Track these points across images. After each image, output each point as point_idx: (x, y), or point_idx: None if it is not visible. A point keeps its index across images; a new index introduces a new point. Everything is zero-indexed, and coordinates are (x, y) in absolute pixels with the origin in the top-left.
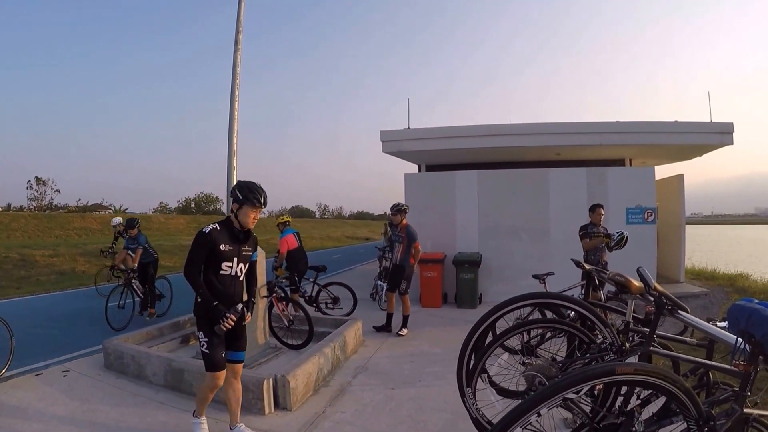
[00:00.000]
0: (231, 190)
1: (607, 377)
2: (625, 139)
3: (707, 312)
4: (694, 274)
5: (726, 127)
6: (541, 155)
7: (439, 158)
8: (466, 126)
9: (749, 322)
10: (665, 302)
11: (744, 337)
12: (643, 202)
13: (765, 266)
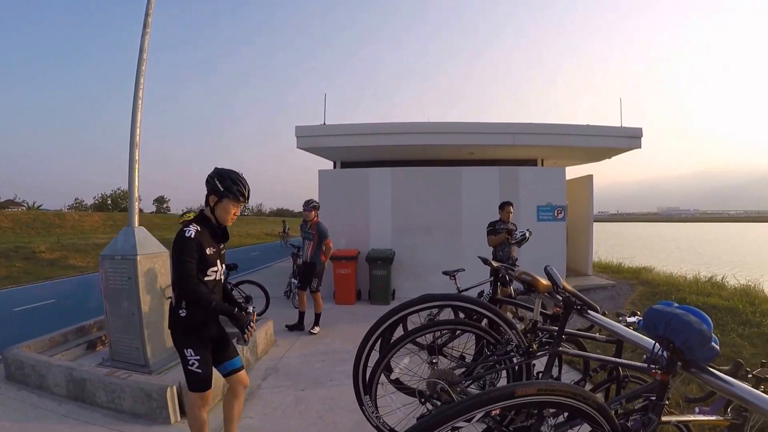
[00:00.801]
0: (209, 179)
1: (505, 401)
2: (538, 140)
3: (614, 302)
4: (601, 267)
5: (635, 132)
6: (455, 154)
7: (354, 155)
8: (381, 123)
9: (668, 328)
10: (574, 301)
11: (662, 344)
12: (554, 200)
13: (665, 259)
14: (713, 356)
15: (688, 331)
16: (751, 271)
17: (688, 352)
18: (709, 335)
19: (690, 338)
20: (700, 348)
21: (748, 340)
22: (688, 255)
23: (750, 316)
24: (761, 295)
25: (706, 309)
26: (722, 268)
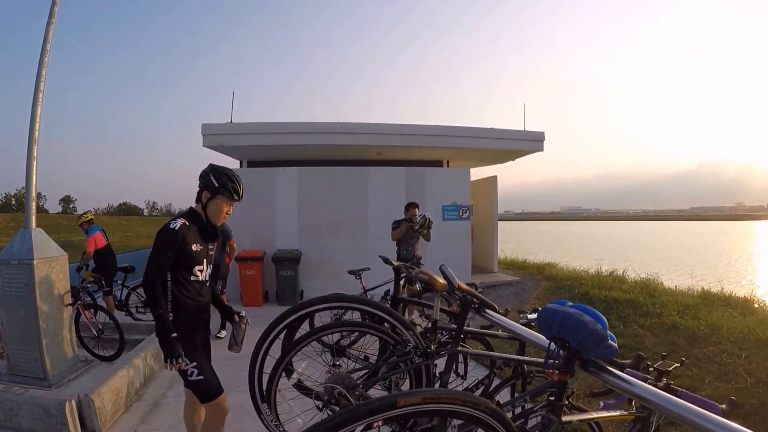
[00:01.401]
0: (203, 175)
1: (386, 412)
2: (444, 142)
3: (519, 298)
4: (507, 264)
5: (537, 135)
6: (363, 154)
7: (261, 154)
8: (289, 122)
9: (562, 327)
10: (471, 300)
11: (558, 343)
12: (459, 200)
13: (569, 255)
14: (612, 354)
15: (583, 331)
16: (649, 265)
17: (584, 351)
18: (605, 334)
19: (585, 338)
20: (595, 347)
21: (650, 330)
22: (590, 251)
23: (650, 307)
24: (660, 288)
25: (608, 302)
26: (623, 262)
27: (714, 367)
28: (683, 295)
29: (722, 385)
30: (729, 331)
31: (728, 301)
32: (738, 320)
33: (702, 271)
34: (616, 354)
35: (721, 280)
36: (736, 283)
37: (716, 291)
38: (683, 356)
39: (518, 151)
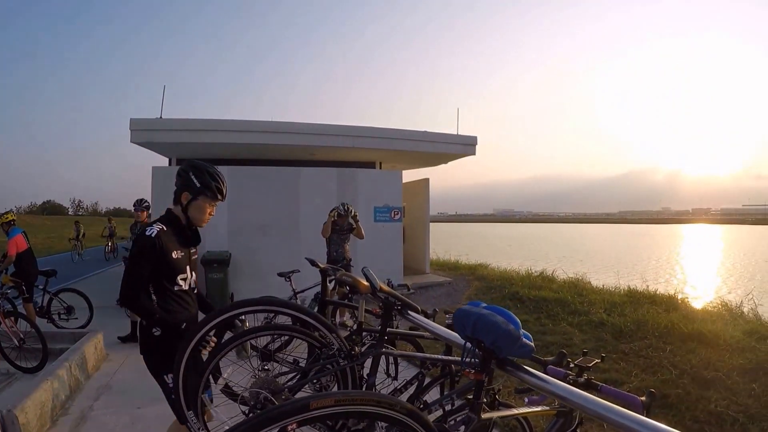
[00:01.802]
0: (181, 173)
1: (300, 415)
2: (377, 143)
3: (451, 298)
4: (439, 265)
5: (470, 139)
6: (296, 154)
7: (192, 152)
8: (221, 120)
9: (476, 328)
10: (393, 302)
11: (473, 343)
12: (391, 202)
13: (499, 256)
14: (527, 353)
15: (496, 331)
16: (578, 265)
17: (498, 351)
18: (518, 334)
19: (498, 338)
20: (509, 347)
21: (578, 328)
22: (521, 252)
23: (578, 306)
24: (588, 287)
25: (537, 301)
26: (553, 263)
27: (640, 360)
28: (610, 294)
29: (648, 377)
30: (654, 327)
31: (653, 298)
32: (662, 316)
33: (628, 271)
34: (532, 353)
35: (646, 279)
36: (660, 282)
37: (642, 289)
38: (610, 351)
39: (451, 154)
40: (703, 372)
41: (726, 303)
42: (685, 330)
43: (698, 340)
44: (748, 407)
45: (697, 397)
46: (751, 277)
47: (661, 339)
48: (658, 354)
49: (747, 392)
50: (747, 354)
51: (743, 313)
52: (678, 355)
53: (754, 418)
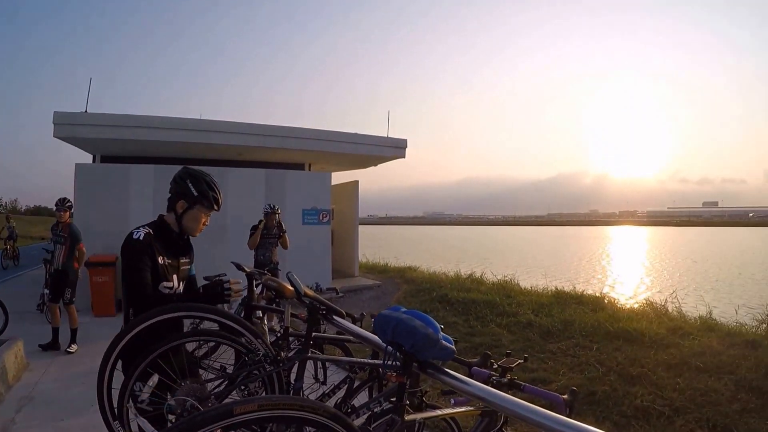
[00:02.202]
0: (178, 180)
1: (224, 420)
2: (306, 144)
3: (380, 302)
4: (368, 268)
5: (400, 142)
6: (224, 154)
7: (117, 149)
8: (147, 116)
9: (395, 332)
10: (318, 307)
11: (394, 347)
12: (319, 204)
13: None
14: (448, 356)
15: (415, 335)
16: (507, 267)
17: (418, 354)
18: (436, 337)
19: (417, 341)
20: (428, 350)
21: (507, 329)
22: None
23: (507, 307)
24: (516, 288)
25: (466, 303)
26: (482, 265)
27: (568, 359)
28: (538, 295)
29: (576, 375)
30: (581, 326)
31: (580, 299)
32: (589, 316)
33: (556, 272)
34: (453, 355)
35: (573, 280)
36: (587, 282)
37: (569, 290)
38: (539, 351)
39: (381, 156)
40: (629, 369)
41: (651, 302)
42: (611, 329)
43: (624, 338)
44: (673, 401)
45: (624, 392)
46: (675, 276)
47: (588, 338)
48: (585, 352)
49: (672, 386)
50: (671, 350)
51: (668, 311)
52: (604, 353)
53: (679, 411)
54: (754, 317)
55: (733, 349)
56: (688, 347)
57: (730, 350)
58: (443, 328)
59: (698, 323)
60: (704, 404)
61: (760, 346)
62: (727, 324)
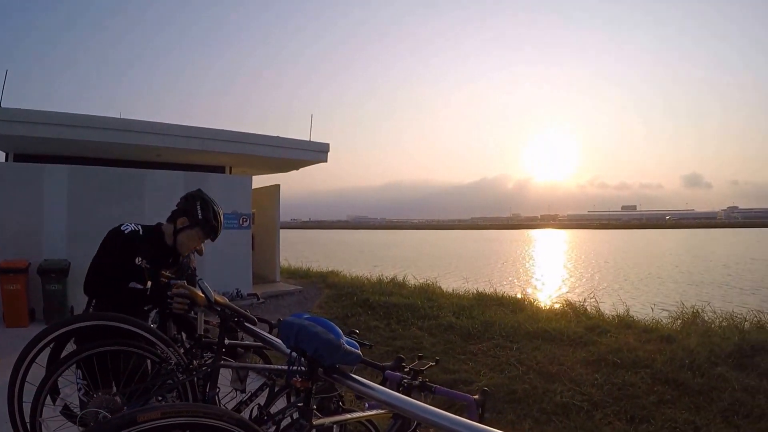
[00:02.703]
0: (189, 198)
1: (128, 428)
2: (227, 147)
3: (302, 307)
4: (290, 273)
5: (322, 146)
6: (142, 155)
7: (32, 147)
8: (62, 113)
9: (298, 338)
10: (230, 314)
11: (298, 353)
12: (239, 208)
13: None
14: (354, 361)
15: (316, 341)
16: (429, 270)
17: (322, 360)
18: (338, 343)
19: (319, 347)
20: (331, 355)
21: (428, 332)
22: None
23: (428, 310)
24: (438, 291)
25: (388, 307)
26: (404, 269)
27: (488, 360)
28: (459, 298)
29: (496, 375)
30: (501, 327)
31: (501, 300)
32: (509, 317)
33: (478, 275)
34: (359, 360)
35: (494, 282)
36: (508, 284)
37: (490, 292)
38: (460, 353)
39: (303, 160)
40: (549, 367)
41: (570, 302)
42: (530, 329)
43: (543, 337)
44: (592, 396)
45: (544, 390)
46: (593, 276)
47: (508, 338)
48: (506, 353)
49: (590, 382)
50: (589, 347)
51: (586, 311)
52: (524, 353)
53: (598, 405)
54: (670, 314)
55: (650, 345)
56: (605, 344)
57: (646, 346)
58: (359, 333)
59: (616, 321)
60: (622, 398)
61: (674, 340)
62: (643, 321)
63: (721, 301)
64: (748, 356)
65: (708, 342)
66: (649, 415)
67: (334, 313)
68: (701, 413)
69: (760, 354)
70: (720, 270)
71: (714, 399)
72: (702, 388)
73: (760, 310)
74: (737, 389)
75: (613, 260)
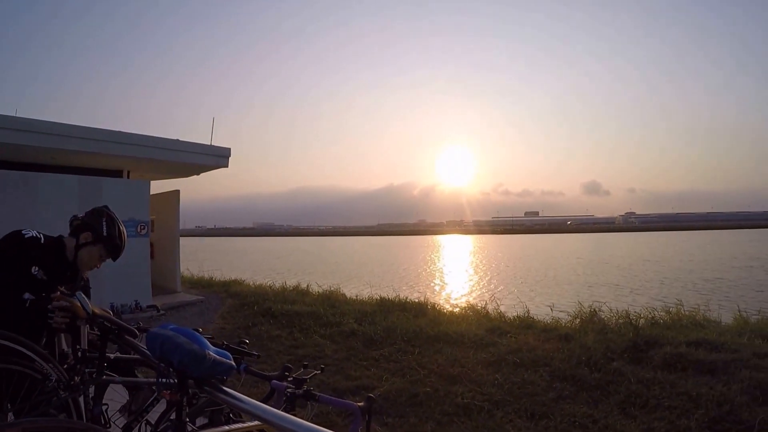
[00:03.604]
0: (95, 214)
1: None
2: (125, 150)
3: (203, 318)
4: (192, 282)
5: (223, 151)
6: (35, 157)
7: None
8: None
9: (163, 349)
10: (109, 327)
11: (165, 365)
12: (137, 215)
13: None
14: (225, 372)
15: (180, 352)
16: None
17: (189, 371)
18: (202, 353)
19: (183, 358)
20: (197, 367)
21: (330, 339)
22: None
23: (331, 317)
24: (341, 298)
25: (290, 315)
26: (309, 276)
27: (390, 365)
28: (362, 304)
29: (398, 380)
30: (403, 332)
31: (404, 305)
32: (411, 321)
33: (382, 280)
34: (232, 371)
35: (398, 287)
36: (411, 289)
37: (393, 297)
38: (362, 359)
39: (203, 165)
40: (450, 369)
41: (472, 304)
42: (432, 332)
43: (445, 340)
44: (493, 395)
45: (445, 392)
46: (495, 279)
47: (410, 343)
48: (407, 357)
49: (491, 383)
50: (490, 348)
51: (488, 313)
52: (426, 356)
53: (499, 404)
54: (568, 314)
55: (549, 344)
56: (505, 345)
57: (545, 345)
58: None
59: (517, 322)
60: (522, 396)
61: (572, 339)
62: (543, 321)
63: (616, 300)
64: (642, 350)
65: (604, 339)
66: (549, 412)
67: (237, 323)
68: (599, 407)
69: (653, 348)
70: (614, 272)
71: (611, 392)
72: (599, 382)
73: (653, 307)
74: (633, 382)
75: (516, 264)
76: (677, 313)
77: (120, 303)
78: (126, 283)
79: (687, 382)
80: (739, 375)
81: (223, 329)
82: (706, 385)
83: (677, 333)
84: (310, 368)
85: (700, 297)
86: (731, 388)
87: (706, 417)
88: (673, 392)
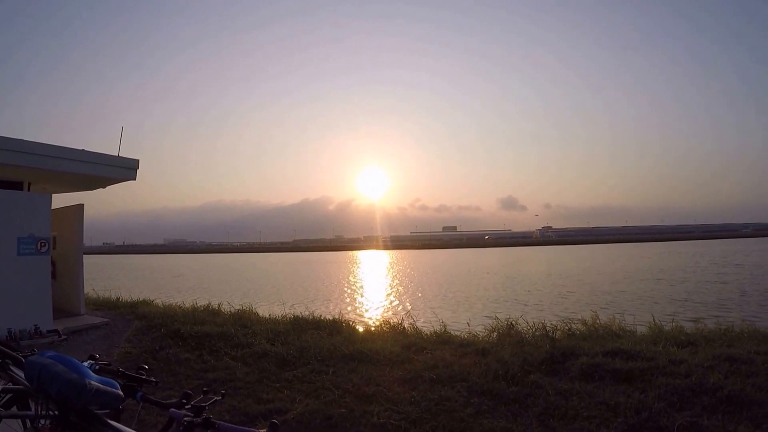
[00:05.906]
0: None
1: None
2: (24, 159)
3: (109, 341)
4: (97, 304)
5: (131, 163)
6: None
7: None
8: None
9: (41, 379)
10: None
11: (43, 395)
12: (37, 231)
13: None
14: (112, 401)
15: (59, 381)
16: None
17: (70, 402)
18: (82, 383)
19: (62, 388)
20: (78, 396)
21: (242, 361)
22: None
23: (242, 338)
24: (254, 317)
25: (200, 337)
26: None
27: (304, 386)
28: (275, 323)
29: (312, 401)
30: (317, 352)
31: (318, 324)
32: (325, 340)
33: (296, 298)
34: (119, 401)
35: (312, 305)
36: (326, 307)
37: (306, 315)
38: (275, 381)
39: (110, 177)
40: (365, 388)
41: (388, 321)
42: (346, 351)
43: (359, 359)
44: (409, 413)
45: (361, 412)
46: (412, 295)
47: (324, 362)
48: (321, 377)
49: (407, 400)
50: (406, 365)
51: (404, 329)
52: (340, 376)
53: (416, 422)
54: (485, 327)
55: (466, 359)
56: (422, 361)
57: (462, 360)
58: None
59: (433, 338)
60: (439, 412)
61: (489, 353)
62: (460, 336)
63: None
64: (559, 362)
65: (521, 352)
66: (467, 428)
67: (144, 347)
68: (518, 420)
69: (570, 359)
70: (542, 282)
71: (529, 405)
72: (517, 395)
73: (569, 319)
74: (551, 393)
75: (434, 279)
76: (593, 324)
77: (18, 328)
78: (25, 305)
79: (605, 391)
80: (656, 382)
81: (129, 354)
82: (624, 394)
83: (593, 344)
84: (211, 394)
85: (615, 307)
86: (648, 395)
87: (625, 425)
88: (591, 402)
